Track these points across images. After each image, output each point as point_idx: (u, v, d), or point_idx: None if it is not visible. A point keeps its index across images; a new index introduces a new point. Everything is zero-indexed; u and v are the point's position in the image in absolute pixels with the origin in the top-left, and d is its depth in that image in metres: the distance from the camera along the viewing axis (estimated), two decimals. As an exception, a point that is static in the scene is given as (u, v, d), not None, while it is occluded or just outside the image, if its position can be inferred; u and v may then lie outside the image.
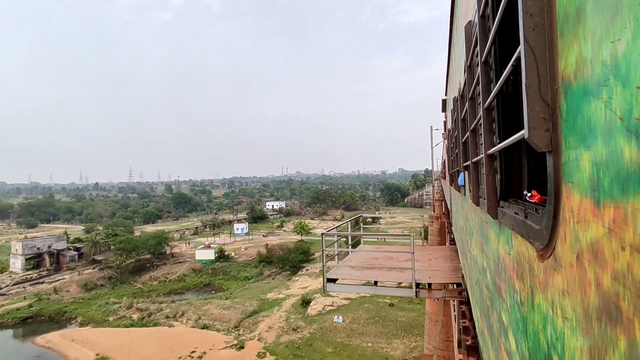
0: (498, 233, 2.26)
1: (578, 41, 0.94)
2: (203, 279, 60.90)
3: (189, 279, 60.98)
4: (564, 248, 1.08)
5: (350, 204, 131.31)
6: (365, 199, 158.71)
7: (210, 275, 61.79)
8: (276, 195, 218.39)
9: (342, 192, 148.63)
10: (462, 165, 4.57)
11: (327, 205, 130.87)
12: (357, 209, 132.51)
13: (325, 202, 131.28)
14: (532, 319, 1.43)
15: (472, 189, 3.61)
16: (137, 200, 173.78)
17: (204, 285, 59.42)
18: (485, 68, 2.26)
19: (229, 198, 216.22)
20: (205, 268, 63.67)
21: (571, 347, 1.02)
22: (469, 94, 3.23)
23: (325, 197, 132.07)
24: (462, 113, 4.14)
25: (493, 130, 2.32)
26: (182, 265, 65.40)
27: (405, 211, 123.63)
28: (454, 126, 6.19)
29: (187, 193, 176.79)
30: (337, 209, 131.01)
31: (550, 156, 1.19)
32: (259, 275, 60.46)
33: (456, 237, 8.47)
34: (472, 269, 4.22)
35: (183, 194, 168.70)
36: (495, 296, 2.40)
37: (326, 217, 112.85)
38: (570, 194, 1.04)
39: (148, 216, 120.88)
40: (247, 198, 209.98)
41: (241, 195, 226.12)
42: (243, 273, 61.59)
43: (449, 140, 9.38)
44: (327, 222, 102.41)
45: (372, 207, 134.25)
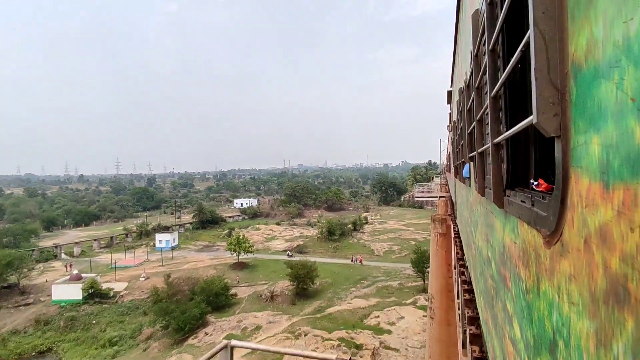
0: (504, 222, 2.21)
1: (589, 23, 0.92)
2: (44, 339, 35.97)
3: (20, 338, 36.11)
4: (571, 233, 1.07)
5: (334, 203, 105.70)
6: (357, 196, 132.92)
7: (59, 332, 36.80)
8: (263, 189, 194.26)
9: (325, 189, 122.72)
10: (468, 156, 4.55)
11: (305, 204, 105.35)
12: (343, 208, 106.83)
13: (303, 200, 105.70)
14: (538, 306, 1.43)
15: (477, 179, 3.54)
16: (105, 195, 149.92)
17: (38, 354, 34.60)
18: (492, 56, 2.25)
19: (212, 191, 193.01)
20: (61, 315, 38.79)
21: (577, 331, 1.01)
22: (476, 84, 3.22)
23: (303, 195, 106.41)
24: (468, 103, 4.19)
25: (500, 119, 2.31)
26: (28, 309, 40.43)
27: (401, 212, 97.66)
28: (460, 117, 6.18)
29: (150, 188, 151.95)
30: (318, 208, 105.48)
31: (558, 141, 1.18)
32: (134, 336, 35.31)
33: (460, 229, 8.59)
34: (477, 260, 4.16)
35: (145, 189, 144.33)
36: (500, 285, 2.37)
37: (299, 222, 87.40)
38: (578, 178, 1.02)
39: (81, 217, 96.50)
40: (230, 192, 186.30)
41: (224, 189, 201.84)
42: (112, 330, 36.52)
43: (454, 132, 9.41)
44: (296, 229, 77.10)
45: (362, 206, 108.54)
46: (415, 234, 67.06)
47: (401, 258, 54.03)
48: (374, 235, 67.97)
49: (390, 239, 64.38)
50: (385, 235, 67.26)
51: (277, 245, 63.57)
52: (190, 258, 56.57)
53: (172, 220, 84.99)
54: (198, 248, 64.02)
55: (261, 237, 69.32)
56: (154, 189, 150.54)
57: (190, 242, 68.43)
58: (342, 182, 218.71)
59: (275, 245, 63.30)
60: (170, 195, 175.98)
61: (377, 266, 50.57)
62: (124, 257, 56.96)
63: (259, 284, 44.96)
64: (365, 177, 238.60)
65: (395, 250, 57.82)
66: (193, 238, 71.03)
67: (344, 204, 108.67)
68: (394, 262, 52.26)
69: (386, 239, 64.64)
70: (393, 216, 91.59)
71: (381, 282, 43.95)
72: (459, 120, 6.65)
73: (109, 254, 61.29)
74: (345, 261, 53.58)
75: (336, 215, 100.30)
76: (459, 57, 7.04)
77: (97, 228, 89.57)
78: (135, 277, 48.08)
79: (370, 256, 56.79)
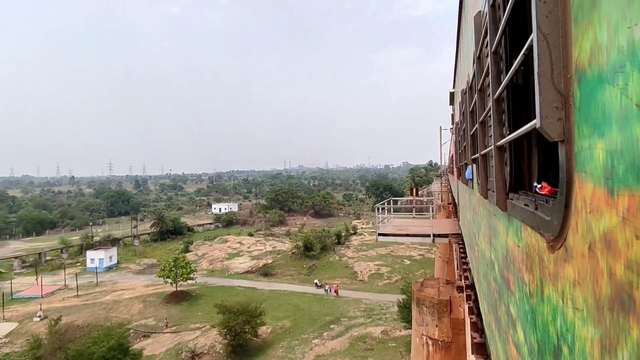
0: (507, 225, 2.20)
1: (593, 27, 0.91)
2: None
3: None
4: (575, 238, 1.06)
5: (322, 208, 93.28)
6: (351, 200, 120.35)
7: None
8: (254, 191, 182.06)
9: (311, 193, 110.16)
10: (470, 158, 4.53)
11: (290, 209, 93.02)
12: (332, 214, 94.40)
13: (287, 205, 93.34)
14: (542, 311, 1.42)
15: (480, 181, 3.53)
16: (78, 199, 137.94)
17: None
18: (495, 58, 2.22)
19: (201, 194, 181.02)
20: None
21: (582, 338, 1.00)
22: (478, 86, 3.18)
23: (287, 199, 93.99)
24: (471, 105, 4.14)
25: (503, 122, 2.28)
26: None
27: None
28: (462, 119, 6.04)
29: (126, 191, 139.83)
30: (304, 214, 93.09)
31: (562, 146, 1.16)
32: None
33: (463, 231, 8.30)
34: (480, 262, 4.10)
35: (121, 192, 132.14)
36: (504, 289, 2.35)
37: (278, 231, 74.97)
38: (582, 183, 1.01)
39: (33, 225, 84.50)
40: (220, 195, 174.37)
41: (214, 191, 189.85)
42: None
43: (457, 134, 9.09)
44: (270, 241, 64.67)
45: (354, 212, 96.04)
46: (411, 250, 54.54)
47: (390, 286, 41.55)
48: (360, 251, 55.46)
49: (379, 257, 51.89)
50: (374, 251, 54.74)
51: (238, 264, 51.19)
52: (121, 284, 44.29)
53: (138, 229, 72.74)
54: (140, 268, 51.65)
55: (223, 252, 57.00)
56: (129, 193, 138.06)
57: (135, 259, 56.04)
58: (339, 184, 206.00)
59: (236, 265, 50.92)
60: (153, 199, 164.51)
61: (358, 298, 38.09)
62: (48, 279, 44.84)
63: (192, 328, 32.60)
64: (364, 179, 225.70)
65: (384, 274, 45.25)
66: (142, 254, 58.62)
67: (334, 209, 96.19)
68: (380, 292, 39.80)
69: (374, 257, 52.14)
70: (387, 224, 79.18)
71: (358, 327, 31.49)
72: (461, 121, 6.52)
73: (32, 274, 49.20)
74: (318, 290, 41.11)
75: (323, 223, 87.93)
76: (461, 59, 7.01)
77: (46, 238, 77.58)
78: (33, 314, 35.85)
79: (351, 282, 44.28)
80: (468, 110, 4.51)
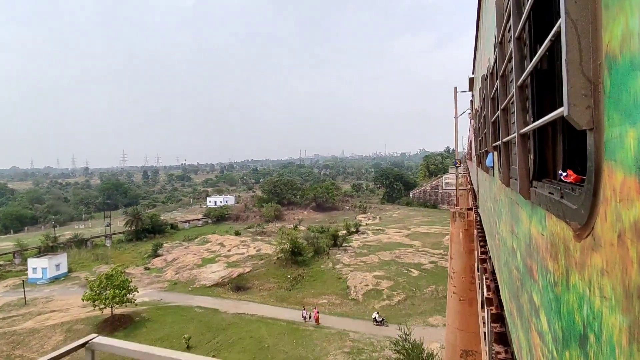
0: (530, 214, 2.16)
1: (624, 13, 0.89)
2: None
3: None
4: (604, 227, 1.04)
5: (325, 201, 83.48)
6: (360, 190, 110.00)
7: None
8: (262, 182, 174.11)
9: (314, 184, 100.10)
10: (492, 145, 4.45)
11: (290, 202, 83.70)
12: (335, 208, 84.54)
13: (286, 197, 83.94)
14: (567, 299, 1.41)
15: (502, 169, 3.40)
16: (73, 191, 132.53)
17: None
18: (518, 44, 2.16)
19: (208, 184, 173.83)
20: None
21: (609, 326, 0.99)
22: (500, 72, 3.09)
23: (285, 191, 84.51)
24: (492, 92, 4.09)
25: (527, 109, 2.25)
26: None
27: (407, 214, 74.54)
28: (483, 105, 5.98)
29: (123, 183, 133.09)
30: (305, 208, 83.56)
31: (591, 134, 1.14)
32: None
33: (483, 219, 8.40)
34: (501, 250, 4.03)
35: (117, 183, 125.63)
36: (526, 277, 2.33)
37: (271, 228, 65.71)
38: (612, 172, 0.99)
39: (11, 221, 78.09)
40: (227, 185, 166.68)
41: (221, 181, 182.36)
42: None
43: (477, 120, 8.87)
44: (258, 242, 55.55)
45: (360, 205, 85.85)
46: (421, 255, 44.26)
47: (390, 309, 31.63)
48: (359, 256, 45.57)
49: (381, 264, 41.90)
50: (376, 256, 44.74)
51: (209, 274, 42.12)
52: (56, 303, 35.94)
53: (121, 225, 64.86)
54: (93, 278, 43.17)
55: (197, 257, 48.13)
56: (127, 184, 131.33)
57: (94, 265, 47.71)
58: (350, 172, 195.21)
59: (206, 275, 41.87)
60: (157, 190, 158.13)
61: (343, 331, 28.30)
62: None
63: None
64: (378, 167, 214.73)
65: (384, 291, 35.19)
66: (104, 259, 50.18)
67: (338, 201, 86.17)
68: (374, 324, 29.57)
69: (375, 264, 42.17)
70: (396, 220, 68.59)
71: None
72: (481, 108, 6.48)
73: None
74: (296, 315, 31.51)
75: (324, 218, 78.14)
76: (481, 44, 6.86)
77: (22, 237, 70.71)
78: None
79: (341, 301, 34.50)
80: (489, 97, 4.52)
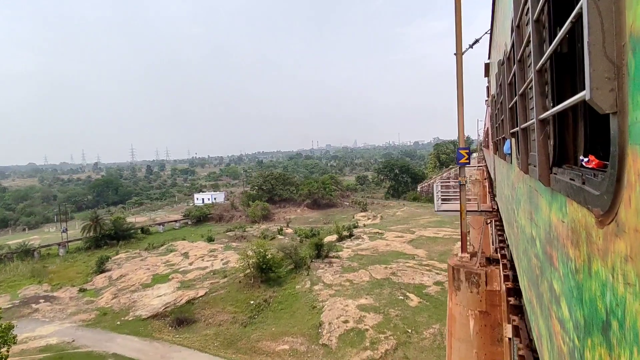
0: (550, 201, 2.14)
1: None
2: None
3: None
4: (628, 213, 1.02)
5: (322, 197, 73.90)
6: (364, 183, 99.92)
7: None
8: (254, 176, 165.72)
9: (308, 179, 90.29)
10: (509, 132, 4.33)
11: (284, 199, 74.52)
12: (333, 204, 75.02)
13: (278, 193, 74.72)
14: (589, 286, 1.38)
15: (520, 156, 3.37)
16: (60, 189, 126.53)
17: None
18: (537, 27, 2.11)
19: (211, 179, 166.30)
20: None
21: (633, 313, 0.97)
22: (517, 56, 3.02)
23: (277, 186, 75.23)
24: (509, 77, 4.01)
25: (546, 94, 2.19)
26: None
27: (413, 211, 64.53)
28: (499, 91, 5.84)
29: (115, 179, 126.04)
30: (299, 205, 74.30)
31: (614, 118, 1.11)
32: None
33: (501, 207, 8.28)
34: (519, 238, 3.97)
35: (108, 180, 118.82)
36: (546, 265, 2.31)
37: (254, 231, 56.71)
38: (637, 156, 0.96)
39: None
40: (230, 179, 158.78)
41: (225, 175, 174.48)
42: None
43: (493, 107, 8.70)
44: (230, 251, 46.61)
45: (364, 200, 76.01)
46: (423, 272, 34.33)
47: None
48: (346, 271, 36.08)
49: (371, 286, 32.32)
50: (367, 273, 35.18)
51: (152, 299, 33.35)
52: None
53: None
54: (14, 304, 34.82)
55: (148, 274, 39.42)
56: (118, 180, 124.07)
57: (24, 284, 39.29)
58: (359, 163, 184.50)
59: (147, 301, 33.11)
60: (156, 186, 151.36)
61: None
62: None
63: None
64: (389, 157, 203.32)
65: (367, 333, 25.44)
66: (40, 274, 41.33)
67: (336, 197, 76.46)
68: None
69: (364, 285, 32.62)
70: (399, 220, 58.70)
71: None
72: (498, 94, 6.31)
73: None
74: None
75: (320, 216, 68.77)
76: (497, 28, 6.53)
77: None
78: None
79: (307, 347, 24.90)
80: (506, 82, 4.40)
